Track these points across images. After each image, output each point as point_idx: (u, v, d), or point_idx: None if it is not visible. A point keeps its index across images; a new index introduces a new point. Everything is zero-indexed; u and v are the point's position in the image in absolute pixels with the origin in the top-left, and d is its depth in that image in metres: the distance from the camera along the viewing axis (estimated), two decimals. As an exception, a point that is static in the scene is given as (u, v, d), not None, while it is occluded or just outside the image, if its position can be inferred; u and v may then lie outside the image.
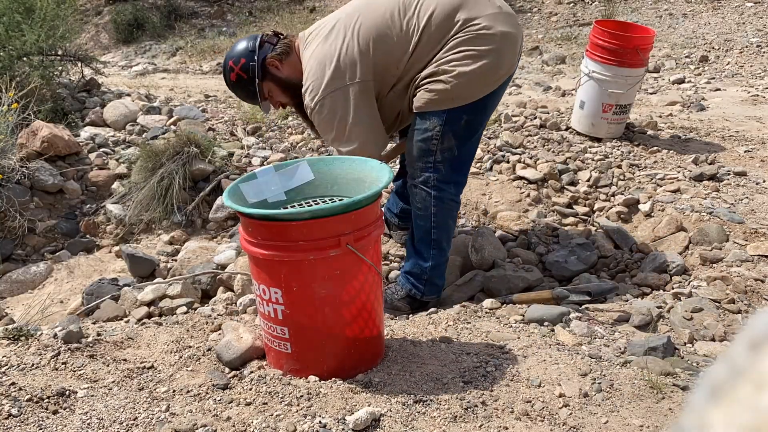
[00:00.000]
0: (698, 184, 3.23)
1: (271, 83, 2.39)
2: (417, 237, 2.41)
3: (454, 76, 2.17)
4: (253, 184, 1.90)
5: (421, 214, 2.36)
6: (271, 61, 2.36)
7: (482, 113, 2.32)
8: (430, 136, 2.24)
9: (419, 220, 2.38)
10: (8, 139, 3.34)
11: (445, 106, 2.21)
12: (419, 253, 2.41)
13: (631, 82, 3.69)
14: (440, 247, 2.39)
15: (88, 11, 9.14)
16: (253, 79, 2.37)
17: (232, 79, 2.42)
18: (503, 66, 2.23)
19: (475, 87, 2.21)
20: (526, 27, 7.62)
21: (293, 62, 2.38)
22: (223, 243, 3.13)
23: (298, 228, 1.61)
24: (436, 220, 2.34)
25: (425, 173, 2.30)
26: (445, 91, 2.19)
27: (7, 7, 4.26)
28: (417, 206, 2.37)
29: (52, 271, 3.09)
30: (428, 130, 2.24)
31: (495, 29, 2.19)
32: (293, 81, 2.36)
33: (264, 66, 2.36)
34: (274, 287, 1.68)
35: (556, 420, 1.56)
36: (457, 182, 2.37)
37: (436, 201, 2.32)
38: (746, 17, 6.87)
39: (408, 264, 2.46)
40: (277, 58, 2.37)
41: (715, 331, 2.10)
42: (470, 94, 2.21)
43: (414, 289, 2.42)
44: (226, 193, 1.78)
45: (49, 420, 1.54)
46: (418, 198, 2.35)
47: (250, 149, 3.81)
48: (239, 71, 2.38)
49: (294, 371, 1.75)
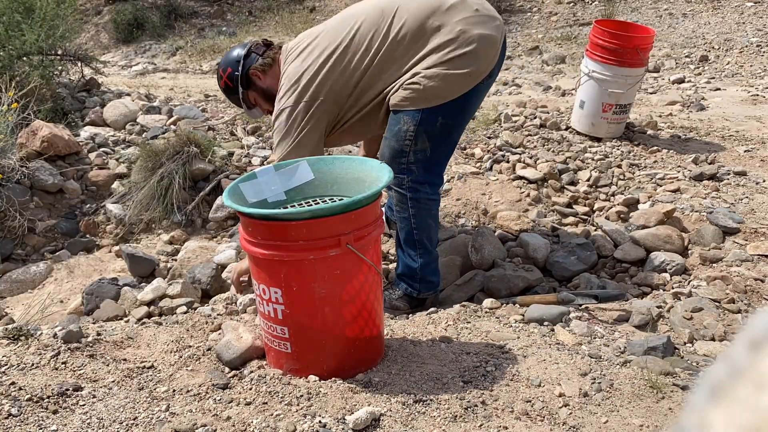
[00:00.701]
0: (698, 183, 3.23)
1: (255, 93, 2.49)
2: (402, 239, 2.42)
3: (429, 76, 2.19)
4: (253, 184, 1.90)
5: (401, 216, 2.37)
6: (254, 72, 2.45)
7: (459, 115, 2.30)
8: (403, 137, 2.24)
9: (400, 222, 2.39)
10: (8, 139, 3.34)
11: (420, 105, 2.21)
12: (407, 255, 2.41)
13: (631, 81, 3.69)
14: (425, 247, 2.39)
15: (88, 11, 9.14)
16: (236, 88, 2.48)
17: (221, 86, 2.55)
18: (481, 66, 2.23)
19: (450, 87, 2.20)
20: (526, 27, 7.62)
21: (275, 74, 2.44)
22: (223, 243, 3.13)
23: (298, 228, 1.60)
24: (415, 221, 2.34)
25: (400, 175, 2.28)
26: (420, 90, 2.19)
27: (7, 7, 4.26)
28: (396, 209, 2.37)
29: (52, 270, 3.09)
30: (401, 130, 2.24)
31: (471, 32, 2.20)
32: (273, 92, 2.42)
33: (248, 76, 2.45)
34: (274, 287, 1.68)
35: (556, 420, 1.56)
36: (432, 182, 2.36)
37: (413, 202, 2.31)
38: (746, 17, 6.87)
39: (399, 267, 2.47)
40: (260, 69, 2.45)
41: (714, 331, 2.10)
42: (446, 94, 2.20)
43: (410, 288, 2.43)
44: (225, 193, 1.77)
45: (49, 420, 1.54)
46: (395, 200, 2.36)
47: (250, 149, 3.81)
48: (226, 79, 2.49)
49: (294, 371, 1.75)
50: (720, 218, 2.80)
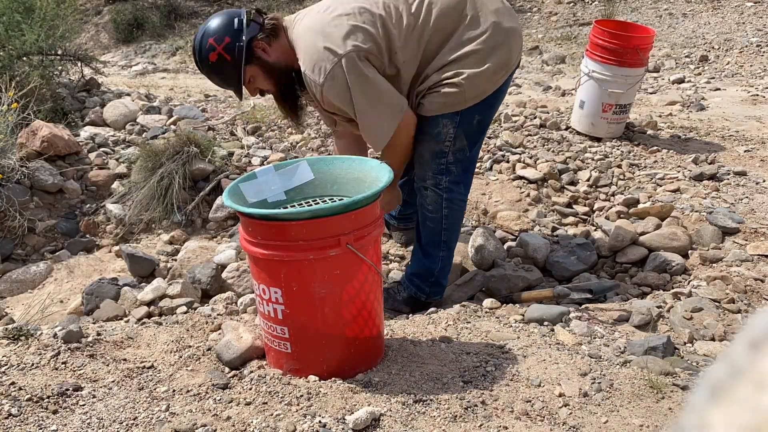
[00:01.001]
0: (698, 183, 3.23)
1: (256, 67, 2.17)
2: (426, 239, 2.36)
3: (466, 78, 2.10)
4: (253, 184, 1.90)
5: (432, 216, 2.32)
6: (259, 44, 2.14)
7: (491, 109, 2.29)
8: (443, 139, 2.21)
9: (429, 222, 2.33)
10: (8, 139, 3.34)
11: (459, 107, 2.17)
12: (428, 255, 2.37)
13: (630, 81, 3.69)
14: (449, 248, 2.37)
15: (88, 11, 9.14)
16: (239, 62, 2.13)
17: (211, 60, 2.14)
18: (512, 60, 2.21)
19: (487, 84, 2.16)
20: (526, 27, 7.61)
21: (281, 45, 2.17)
22: (223, 243, 3.13)
23: (298, 228, 1.60)
24: (447, 222, 2.31)
25: (438, 175, 2.26)
26: (459, 94, 2.13)
27: (7, 7, 4.26)
28: (428, 208, 2.32)
29: (52, 270, 3.08)
30: (441, 133, 2.20)
31: (503, 25, 2.15)
32: (281, 66, 2.18)
33: (250, 48, 2.14)
34: (274, 287, 1.68)
35: (555, 420, 1.56)
36: (466, 183, 2.36)
37: (447, 202, 2.29)
38: (746, 17, 6.87)
39: (414, 266, 2.43)
40: (265, 41, 2.15)
41: (714, 331, 2.10)
42: (482, 92, 2.17)
43: (418, 291, 2.40)
44: (225, 193, 1.77)
45: (49, 420, 1.54)
46: (429, 200, 2.31)
47: (250, 149, 3.81)
48: (222, 51, 2.12)
49: (294, 371, 1.75)
50: (720, 218, 2.80)
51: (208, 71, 2.22)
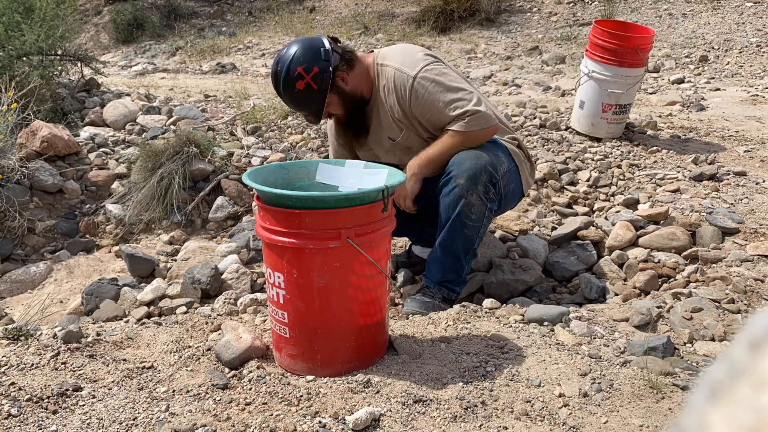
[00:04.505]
0: (698, 184, 3.23)
1: (334, 95, 2.30)
2: (457, 247, 2.31)
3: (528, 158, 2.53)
4: (336, 169, 1.96)
5: (473, 225, 2.27)
6: (340, 73, 2.28)
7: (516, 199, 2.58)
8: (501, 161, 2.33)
9: (467, 230, 2.28)
10: (8, 139, 3.34)
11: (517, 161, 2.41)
12: (458, 261, 2.34)
13: (630, 82, 3.69)
14: (475, 254, 2.39)
15: (87, 11, 9.14)
16: (325, 91, 2.25)
17: (298, 88, 2.23)
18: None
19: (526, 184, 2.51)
20: (526, 27, 7.62)
21: (359, 74, 2.33)
22: (222, 243, 3.13)
23: (302, 217, 1.64)
24: (482, 232, 2.31)
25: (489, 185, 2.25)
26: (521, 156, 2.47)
27: (6, 7, 4.26)
28: (471, 217, 2.26)
29: (51, 271, 3.09)
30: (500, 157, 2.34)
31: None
32: (356, 94, 2.34)
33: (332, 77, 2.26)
34: (278, 272, 1.73)
35: (555, 420, 1.56)
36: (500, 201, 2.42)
37: (488, 212, 2.29)
38: (746, 17, 6.87)
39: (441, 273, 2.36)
40: (345, 70, 2.29)
41: (714, 331, 2.10)
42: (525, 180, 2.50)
43: (451, 293, 2.38)
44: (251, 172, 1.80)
45: (49, 420, 1.54)
46: (474, 209, 2.25)
47: (250, 149, 3.81)
48: (309, 80, 2.22)
49: (291, 356, 1.79)
50: (720, 218, 2.80)
51: (291, 98, 2.30)
